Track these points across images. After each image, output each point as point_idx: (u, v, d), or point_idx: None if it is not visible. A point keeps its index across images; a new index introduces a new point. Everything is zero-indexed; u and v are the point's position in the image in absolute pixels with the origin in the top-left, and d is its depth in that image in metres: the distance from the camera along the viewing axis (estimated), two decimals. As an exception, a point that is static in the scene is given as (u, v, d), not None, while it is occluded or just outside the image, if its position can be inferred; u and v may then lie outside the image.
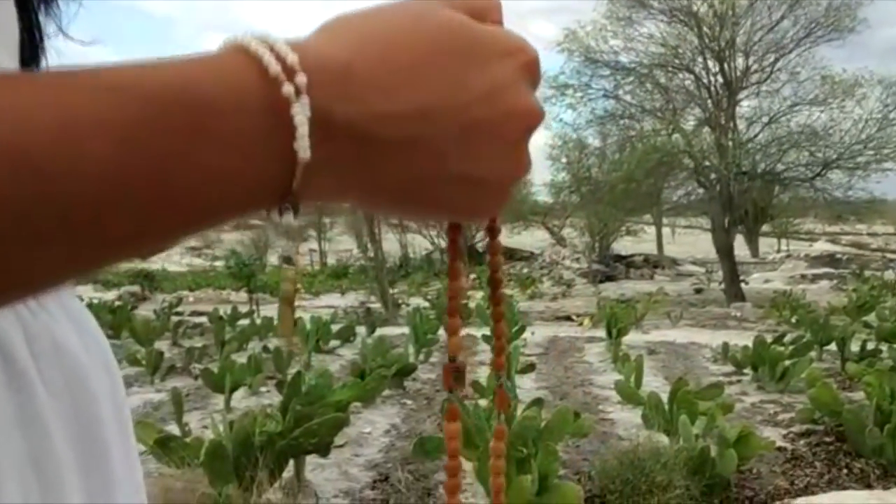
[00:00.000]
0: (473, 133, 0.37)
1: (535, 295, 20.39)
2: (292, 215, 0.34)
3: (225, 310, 13.00)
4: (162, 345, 10.20)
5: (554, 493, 3.93)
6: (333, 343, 10.75)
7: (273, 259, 36.87)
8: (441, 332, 11.85)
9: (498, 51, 0.38)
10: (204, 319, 13.63)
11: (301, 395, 4.73)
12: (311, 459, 4.95)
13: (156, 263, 28.88)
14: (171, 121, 0.30)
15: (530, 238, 35.60)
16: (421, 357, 9.38)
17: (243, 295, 17.97)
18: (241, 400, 7.14)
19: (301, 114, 0.32)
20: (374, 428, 6.38)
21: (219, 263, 21.71)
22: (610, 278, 26.06)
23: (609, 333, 10.25)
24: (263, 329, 11.90)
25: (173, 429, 5.58)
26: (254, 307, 15.63)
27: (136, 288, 20.58)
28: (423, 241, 33.68)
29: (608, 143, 23.03)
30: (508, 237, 36.21)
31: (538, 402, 5.67)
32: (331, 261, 34.40)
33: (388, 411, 6.89)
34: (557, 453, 4.27)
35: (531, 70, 0.40)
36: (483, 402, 5.23)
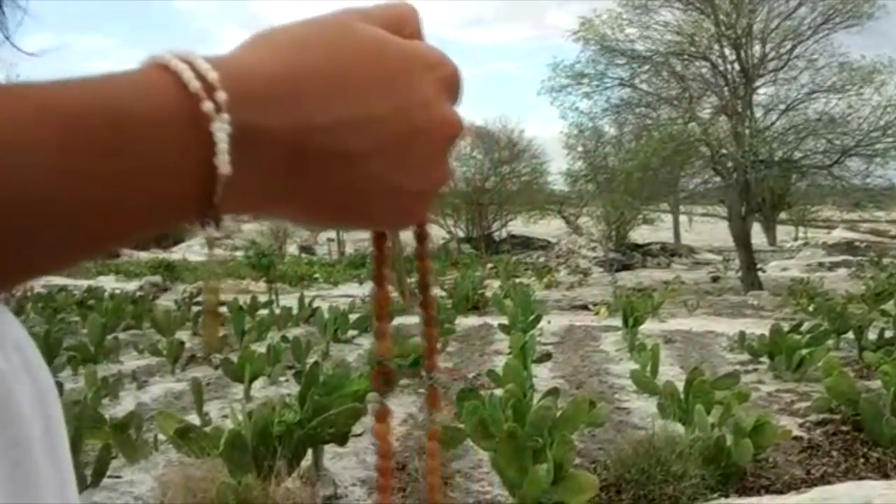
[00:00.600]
0: (399, 144, 0.38)
1: (551, 284, 20.40)
2: (214, 227, 0.35)
3: (244, 300, 13.09)
4: (183, 335, 10.31)
5: (569, 482, 3.96)
6: (351, 333, 10.82)
7: (292, 249, 37.02)
8: (459, 320, 11.91)
9: (420, 65, 0.40)
10: (224, 309, 13.74)
11: (319, 385, 4.79)
12: (330, 448, 5.01)
13: (176, 254, 29.07)
14: (93, 138, 0.31)
15: (547, 227, 35.55)
16: (438, 346, 9.42)
17: (262, 285, 18.08)
18: (261, 389, 7.22)
19: (221, 130, 0.33)
20: (392, 417, 6.42)
21: (238, 253, 21.82)
22: (626, 267, 26.00)
23: (625, 322, 10.25)
24: (282, 319, 11.99)
25: (194, 418, 5.66)
26: (273, 297, 15.73)
27: (157, 278, 20.73)
28: (439, 231, 33.72)
29: (624, 131, 22.96)
30: (525, 226, 36.17)
31: (554, 392, 5.70)
32: (349, 250, 34.51)
33: (404, 400, 6.95)
34: (573, 443, 4.31)
35: (451, 83, 0.41)
36: (499, 392, 5.27)
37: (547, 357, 8.50)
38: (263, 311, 12.88)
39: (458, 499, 4.63)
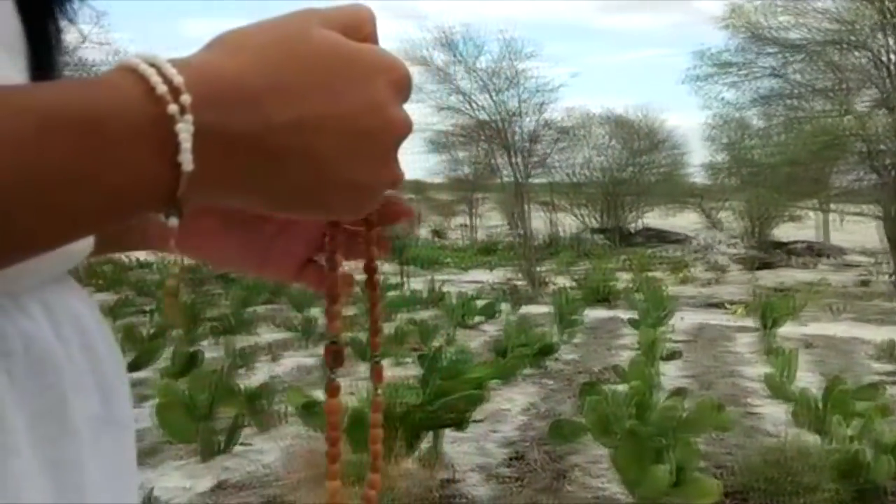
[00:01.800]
0: (355, 143, 0.41)
1: (686, 280, 19.78)
2: (176, 219, 0.38)
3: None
4: (316, 311, 10.67)
5: (691, 485, 3.84)
6: (478, 319, 10.88)
7: (424, 232, 37.57)
8: (587, 312, 11.75)
9: (373, 68, 0.42)
10: (357, 289, 14.09)
11: (441, 370, 4.84)
12: (449, 433, 5.07)
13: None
14: (65, 137, 0.34)
15: (684, 220, 34.46)
16: (564, 337, 9.34)
17: (395, 267, 18.45)
18: (386, 370, 7.37)
19: (185, 131, 0.36)
20: (513, 406, 6.43)
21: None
22: (767, 265, 24.87)
23: (763, 324, 9.82)
24: (411, 301, 12.19)
25: (321, 394, 5.85)
26: (403, 279, 16.02)
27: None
28: (572, 221, 33.34)
29: (773, 123, 21.90)
30: (661, 219, 35.21)
31: (681, 392, 5.54)
32: (481, 236, 34.69)
33: (527, 390, 6.93)
34: (696, 445, 4.17)
35: (401, 85, 0.44)
36: (622, 388, 5.16)
37: (676, 355, 8.26)
38: (393, 293, 13.14)
39: (575, 493, 4.58)
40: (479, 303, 11.46)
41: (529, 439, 5.44)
